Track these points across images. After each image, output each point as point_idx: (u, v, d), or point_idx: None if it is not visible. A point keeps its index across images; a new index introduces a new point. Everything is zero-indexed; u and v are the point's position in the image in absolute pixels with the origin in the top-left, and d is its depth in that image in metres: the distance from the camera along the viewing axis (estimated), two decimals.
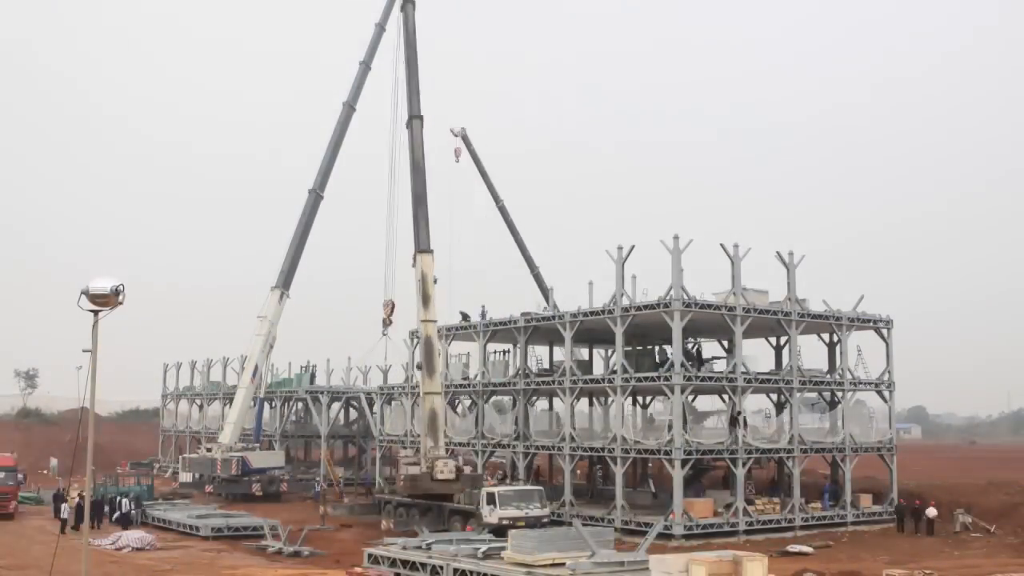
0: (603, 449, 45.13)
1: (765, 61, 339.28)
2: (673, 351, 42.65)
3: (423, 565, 26.18)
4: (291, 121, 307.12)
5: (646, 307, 42.88)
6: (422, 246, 46.82)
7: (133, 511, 46.18)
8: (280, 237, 63.66)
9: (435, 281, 46.99)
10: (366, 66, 62.68)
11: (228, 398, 69.96)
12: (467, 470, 45.54)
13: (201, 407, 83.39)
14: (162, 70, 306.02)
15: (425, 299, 46.48)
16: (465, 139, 71.43)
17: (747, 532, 41.82)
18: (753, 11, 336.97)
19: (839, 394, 48.36)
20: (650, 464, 53.73)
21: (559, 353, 53.88)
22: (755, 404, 53.33)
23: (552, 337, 52.27)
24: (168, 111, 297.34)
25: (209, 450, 62.66)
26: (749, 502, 43.16)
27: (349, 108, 62.51)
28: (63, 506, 43.50)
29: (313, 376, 74.59)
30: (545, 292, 66.32)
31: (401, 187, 50.05)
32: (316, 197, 62.47)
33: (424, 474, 44.14)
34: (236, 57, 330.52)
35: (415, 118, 49.18)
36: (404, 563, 26.78)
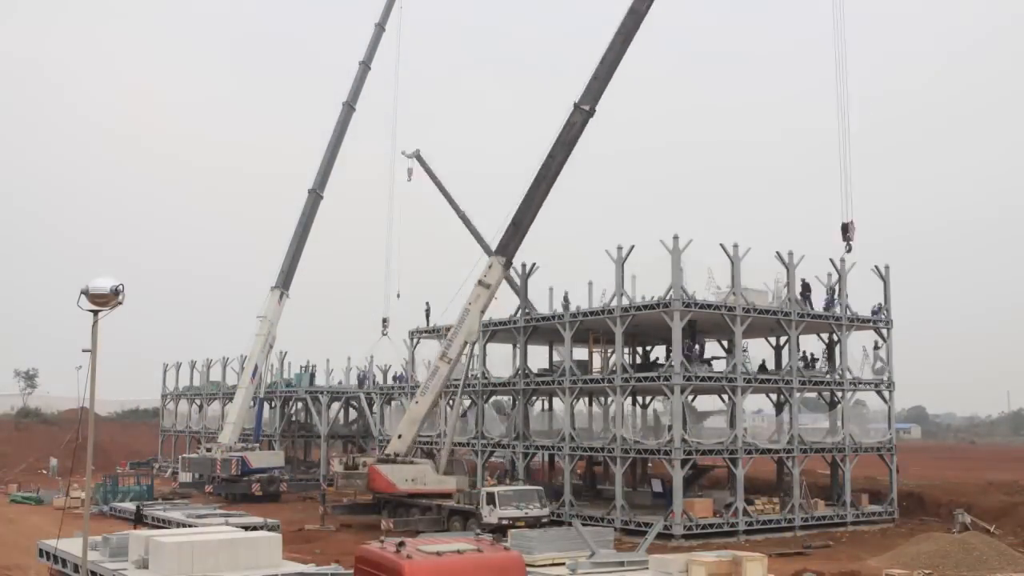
0: (603, 449, 45.13)
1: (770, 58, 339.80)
2: (673, 351, 42.66)
3: None
4: (292, 121, 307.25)
5: (646, 307, 42.87)
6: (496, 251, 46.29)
7: None
8: (281, 236, 63.79)
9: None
10: (366, 66, 62.77)
11: (228, 398, 69.95)
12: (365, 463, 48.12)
13: (201, 407, 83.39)
14: (161, 64, 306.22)
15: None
16: (419, 159, 67.20)
17: (747, 532, 41.84)
18: (753, 14, 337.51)
19: (839, 394, 48.38)
20: (650, 464, 53.75)
21: (559, 353, 53.87)
22: (755, 404, 53.36)
23: (552, 337, 52.27)
24: (168, 110, 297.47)
25: (209, 450, 62.72)
26: (749, 502, 43.20)
27: (349, 108, 62.62)
28: None
29: (313, 376, 74.61)
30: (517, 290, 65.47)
31: (400, 188, 50.01)
32: (316, 197, 62.57)
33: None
34: (236, 56, 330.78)
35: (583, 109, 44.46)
36: None
